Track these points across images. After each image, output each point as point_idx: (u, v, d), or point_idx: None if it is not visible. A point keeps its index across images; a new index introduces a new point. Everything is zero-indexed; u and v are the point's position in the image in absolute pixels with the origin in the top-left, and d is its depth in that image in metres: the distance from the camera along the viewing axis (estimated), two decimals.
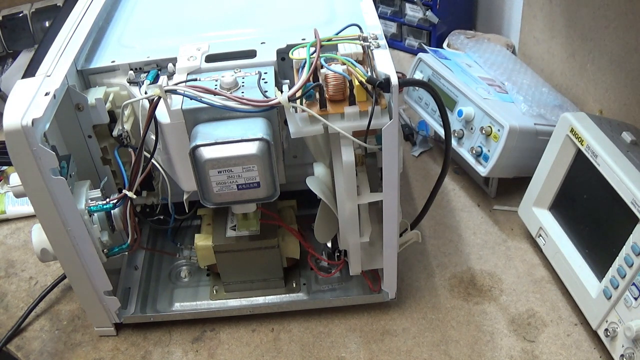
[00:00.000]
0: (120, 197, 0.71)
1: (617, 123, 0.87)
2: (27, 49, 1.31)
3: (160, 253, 0.91)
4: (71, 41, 0.75)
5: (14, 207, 1.05)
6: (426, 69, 1.05)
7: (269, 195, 0.68)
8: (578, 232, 0.83)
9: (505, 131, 0.89)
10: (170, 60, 0.73)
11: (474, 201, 1.02)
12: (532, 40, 1.24)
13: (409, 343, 0.80)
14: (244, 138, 0.64)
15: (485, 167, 0.93)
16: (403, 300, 0.85)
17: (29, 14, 1.29)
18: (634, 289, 0.69)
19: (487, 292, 0.86)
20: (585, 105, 1.10)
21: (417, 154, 1.13)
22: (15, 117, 0.60)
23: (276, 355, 0.80)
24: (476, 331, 0.81)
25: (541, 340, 0.79)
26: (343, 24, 0.72)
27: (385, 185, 0.69)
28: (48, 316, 0.87)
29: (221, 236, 0.81)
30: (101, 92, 0.73)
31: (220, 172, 0.65)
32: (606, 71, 1.03)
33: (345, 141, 0.65)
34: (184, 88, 0.65)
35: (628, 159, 0.75)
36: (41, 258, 0.74)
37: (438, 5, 1.35)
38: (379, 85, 0.62)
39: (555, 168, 0.85)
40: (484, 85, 1.01)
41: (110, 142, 0.78)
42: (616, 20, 0.98)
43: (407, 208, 1.00)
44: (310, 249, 0.83)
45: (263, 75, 0.69)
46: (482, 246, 0.93)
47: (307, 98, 0.64)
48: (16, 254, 0.98)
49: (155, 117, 0.66)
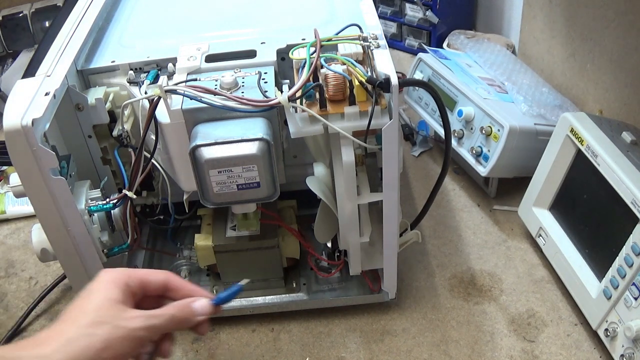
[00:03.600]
0: (120, 197, 0.71)
1: (617, 123, 0.87)
2: (27, 49, 1.31)
3: (160, 253, 0.91)
4: (71, 41, 0.75)
5: (14, 207, 1.05)
6: (426, 69, 1.05)
7: (269, 195, 0.68)
8: (578, 232, 0.83)
9: (505, 131, 0.89)
10: (170, 60, 0.73)
11: (474, 201, 1.02)
12: (532, 40, 1.24)
13: (409, 343, 0.80)
14: (244, 138, 0.64)
15: (485, 167, 0.93)
16: (403, 300, 0.85)
17: (29, 14, 1.30)
18: (634, 289, 0.69)
19: (487, 292, 0.86)
20: (585, 105, 1.10)
21: (417, 154, 1.13)
22: (15, 117, 0.60)
23: (276, 355, 0.80)
24: (476, 331, 0.81)
25: (541, 340, 0.79)
26: (343, 24, 0.72)
27: (385, 185, 0.69)
28: (48, 316, 0.87)
29: (221, 236, 0.81)
30: (101, 92, 0.73)
31: (220, 172, 0.65)
32: (606, 71, 1.03)
33: (345, 141, 0.65)
34: (184, 88, 0.65)
35: (628, 159, 0.75)
36: (41, 258, 0.74)
37: (438, 5, 1.35)
38: (379, 85, 0.62)
39: (555, 168, 0.85)
40: (484, 85, 1.01)
41: (110, 142, 0.78)
42: (616, 20, 0.98)
43: (407, 208, 1.00)
44: (310, 249, 0.83)
45: (263, 75, 0.69)
46: (482, 246, 0.93)
47: (307, 98, 0.64)
48: (16, 254, 0.98)
49: (155, 117, 0.66)
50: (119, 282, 0.61)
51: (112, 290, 0.60)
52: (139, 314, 0.60)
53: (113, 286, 0.61)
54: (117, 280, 0.61)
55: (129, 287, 0.62)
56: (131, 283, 0.62)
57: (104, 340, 0.57)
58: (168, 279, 0.64)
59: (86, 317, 0.58)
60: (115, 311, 0.59)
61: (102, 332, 0.57)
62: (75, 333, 0.56)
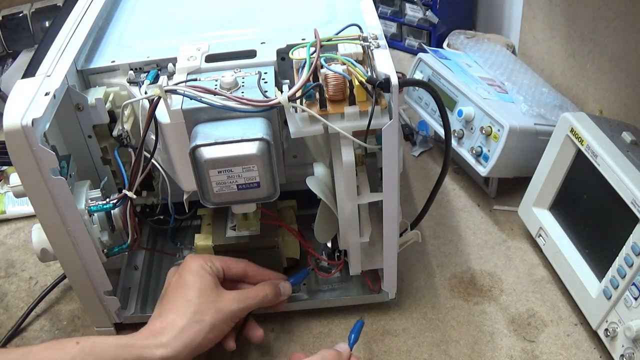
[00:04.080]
0: (120, 197, 0.71)
1: (617, 123, 0.87)
2: (27, 49, 1.31)
3: (160, 253, 0.91)
4: (71, 41, 0.75)
5: (14, 207, 1.05)
6: (426, 69, 1.05)
7: (269, 195, 0.68)
8: (578, 232, 0.83)
9: (505, 131, 0.89)
10: (170, 60, 0.73)
11: (474, 201, 1.02)
12: (532, 40, 1.24)
13: (409, 343, 0.80)
14: (244, 138, 0.64)
15: (485, 167, 0.93)
16: (403, 300, 0.85)
17: (29, 14, 1.29)
18: (634, 289, 0.69)
19: (487, 292, 0.86)
20: (585, 105, 1.10)
21: (417, 154, 1.13)
22: (15, 117, 0.60)
23: (276, 355, 0.80)
24: (476, 331, 0.81)
25: (541, 340, 0.79)
26: (343, 24, 0.72)
27: (385, 185, 0.69)
28: (48, 316, 0.87)
29: (221, 236, 0.81)
30: (101, 92, 0.73)
31: (220, 172, 0.65)
32: (606, 71, 1.03)
33: (345, 141, 0.65)
34: (184, 88, 0.65)
35: (628, 159, 0.75)
36: (41, 258, 0.74)
37: (438, 5, 1.35)
38: (379, 85, 0.62)
39: (555, 168, 0.85)
40: (484, 85, 1.01)
41: (110, 142, 0.78)
42: (616, 20, 0.98)
43: (407, 208, 1.00)
44: (310, 249, 0.83)
45: (263, 75, 0.69)
46: (482, 246, 0.93)
47: (307, 98, 0.64)
48: (16, 254, 0.98)
49: (155, 117, 0.66)
50: (208, 269, 0.71)
51: (206, 277, 0.70)
52: (235, 295, 0.71)
53: (204, 273, 0.70)
54: (206, 267, 0.71)
55: (217, 272, 0.72)
56: (217, 268, 0.72)
57: (210, 324, 0.67)
58: (247, 266, 0.76)
59: (192, 306, 0.67)
60: (214, 296, 0.69)
61: (208, 318, 0.67)
62: (186, 322, 0.66)
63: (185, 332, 0.66)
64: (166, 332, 0.66)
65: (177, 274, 0.72)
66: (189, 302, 0.68)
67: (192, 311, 0.67)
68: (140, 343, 0.65)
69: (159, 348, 0.64)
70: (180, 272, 0.72)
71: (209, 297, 0.69)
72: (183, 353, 0.65)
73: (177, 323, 0.66)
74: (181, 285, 0.70)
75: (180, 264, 0.73)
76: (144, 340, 0.65)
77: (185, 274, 0.71)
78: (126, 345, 0.64)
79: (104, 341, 0.65)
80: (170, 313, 0.68)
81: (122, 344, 0.65)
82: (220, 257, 0.75)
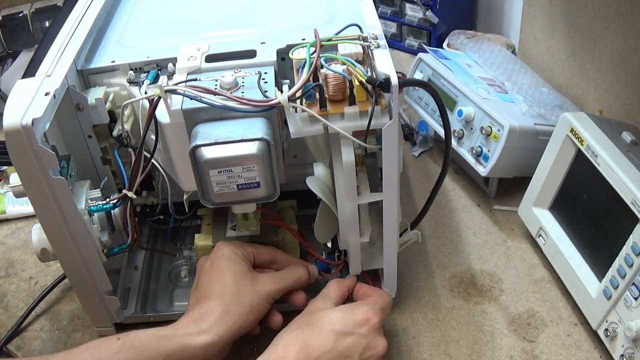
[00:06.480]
0: (120, 197, 0.71)
1: (617, 123, 0.87)
2: (27, 49, 1.31)
3: (160, 253, 0.91)
4: (71, 41, 0.75)
5: (14, 207, 1.05)
6: (426, 69, 1.05)
7: (269, 195, 0.68)
8: (578, 232, 0.83)
9: (505, 131, 0.89)
10: (170, 60, 0.73)
11: (474, 201, 1.02)
12: (532, 40, 1.24)
13: (409, 343, 0.80)
14: (244, 138, 0.64)
15: (485, 167, 0.93)
16: (403, 300, 0.85)
17: (29, 14, 1.29)
18: (634, 289, 0.69)
19: (487, 292, 0.86)
20: (585, 105, 1.10)
21: (417, 154, 1.13)
22: (15, 117, 0.60)
23: None
24: (476, 331, 0.81)
25: (541, 340, 0.79)
26: (343, 24, 0.72)
27: (385, 185, 0.69)
28: (48, 316, 0.87)
29: (221, 236, 0.81)
30: (101, 92, 0.73)
31: (220, 172, 0.65)
32: (606, 71, 1.03)
33: (345, 141, 0.65)
34: (184, 88, 0.65)
35: (628, 159, 0.75)
36: (41, 258, 0.74)
37: (438, 5, 1.35)
38: (379, 85, 0.62)
39: (555, 168, 0.85)
40: (484, 85, 1.01)
41: (110, 142, 0.78)
42: (616, 20, 0.98)
43: (407, 208, 1.00)
44: (310, 249, 0.83)
45: (263, 75, 0.69)
46: (482, 246, 0.93)
47: (307, 98, 0.64)
48: (16, 254, 0.98)
49: (155, 117, 0.66)
50: (240, 254, 0.73)
51: (239, 262, 0.71)
52: (270, 277, 0.73)
53: (237, 257, 0.72)
54: (238, 252, 0.73)
55: (248, 256, 0.73)
56: (248, 253, 0.74)
57: (249, 305, 0.68)
58: (275, 252, 0.78)
59: (229, 290, 0.68)
60: (250, 279, 0.70)
61: (246, 300, 0.68)
62: (226, 306, 0.67)
63: (226, 316, 0.66)
64: (206, 318, 0.66)
65: (209, 261, 0.72)
66: (227, 286, 0.68)
67: (230, 295, 0.68)
68: (181, 332, 0.65)
69: (201, 335, 0.65)
70: (212, 259, 0.72)
71: (245, 279, 0.70)
72: (226, 337, 0.66)
73: (216, 308, 0.67)
74: (216, 272, 0.70)
75: (211, 252, 0.74)
76: (185, 329, 0.66)
77: (218, 260, 0.71)
78: (168, 335, 0.65)
79: (145, 334, 0.65)
80: (208, 299, 0.68)
81: (163, 334, 0.65)
82: (250, 244, 0.77)
